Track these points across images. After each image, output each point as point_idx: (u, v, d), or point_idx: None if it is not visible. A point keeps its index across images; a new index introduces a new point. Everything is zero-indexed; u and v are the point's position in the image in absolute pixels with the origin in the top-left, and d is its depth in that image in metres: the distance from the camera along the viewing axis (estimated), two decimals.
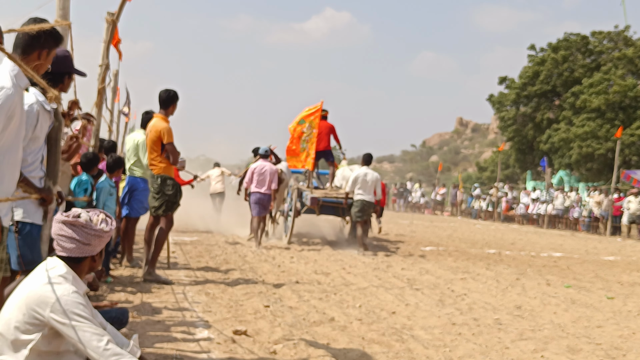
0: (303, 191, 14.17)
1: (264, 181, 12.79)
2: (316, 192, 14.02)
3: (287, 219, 14.09)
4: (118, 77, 11.18)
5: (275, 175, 12.89)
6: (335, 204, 13.86)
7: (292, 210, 13.63)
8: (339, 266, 10.18)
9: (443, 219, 32.14)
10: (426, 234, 19.50)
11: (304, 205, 13.95)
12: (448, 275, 9.71)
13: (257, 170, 12.84)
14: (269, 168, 12.87)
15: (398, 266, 10.56)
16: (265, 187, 12.74)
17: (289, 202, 14.13)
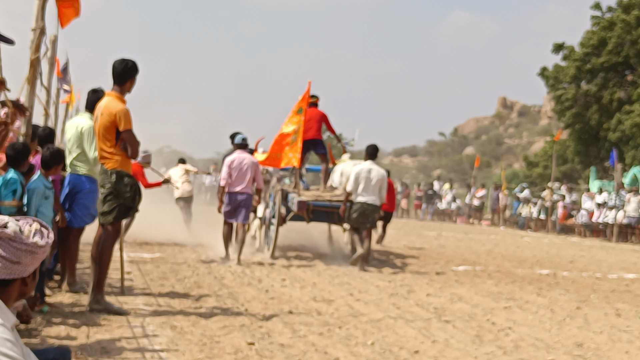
0: (289, 193, 14.32)
1: (244, 177, 12.96)
2: (305, 194, 14.20)
3: (270, 227, 14.24)
4: (57, 45, 11.19)
5: (258, 169, 13.10)
6: (330, 209, 14.05)
7: (275, 217, 13.77)
8: (345, 291, 10.19)
9: (481, 229, 32.17)
10: (459, 249, 19.51)
11: (290, 211, 14.08)
12: (487, 303, 9.71)
13: (235, 164, 12.99)
14: (250, 160, 13.04)
15: (422, 291, 10.57)
16: (245, 184, 12.94)
17: (271, 207, 14.30)
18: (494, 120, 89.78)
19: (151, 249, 14.67)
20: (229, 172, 12.98)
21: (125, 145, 7.88)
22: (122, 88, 7.96)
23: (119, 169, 7.89)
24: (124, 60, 7.94)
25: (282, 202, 14.16)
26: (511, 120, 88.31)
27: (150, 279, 10.43)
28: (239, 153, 13.16)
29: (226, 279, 10.84)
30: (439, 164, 73.09)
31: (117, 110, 7.76)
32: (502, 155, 73.38)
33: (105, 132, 7.85)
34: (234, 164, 12.99)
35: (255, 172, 13.06)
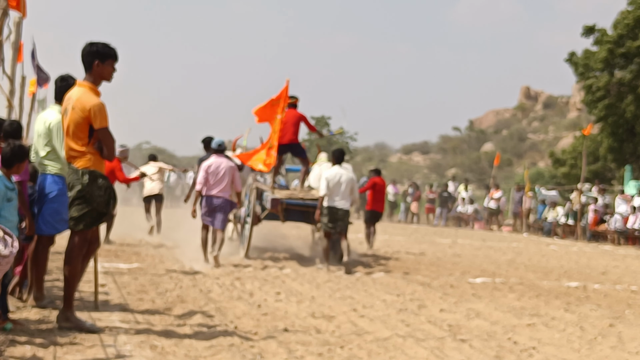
0: (263, 191, 15.88)
1: (222, 182, 14.38)
2: (280, 192, 15.58)
3: (245, 226, 15.80)
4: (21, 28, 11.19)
5: (237, 173, 14.55)
6: (304, 208, 15.59)
7: (249, 216, 15.35)
8: (348, 306, 10.20)
9: (501, 236, 32.18)
10: (476, 258, 19.53)
11: (265, 209, 15.63)
12: (508, 320, 9.72)
13: (212, 169, 14.38)
14: (227, 165, 14.44)
15: (435, 306, 10.58)
16: (222, 188, 14.36)
17: (246, 206, 15.93)
18: (515, 112, 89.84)
19: (128, 259, 14.68)
20: (206, 176, 14.33)
21: (99, 145, 7.77)
22: (90, 75, 7.86)
23: (92, 169, 7.78)
24: (92, 43, 7.84)
25: (257, 200, 15.71)
26: (535, 113, 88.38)
27: (127, 292, 10.43)
28: (216, 157, 14.52)
29: (213, 293, 10.85)
30: (454, 162, 73.08)
31: (91, 105, 7.64)
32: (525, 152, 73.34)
33: (76, 129, 7.73)
34: (211, 169, 14.34)
35: (233, 176, 14.42)
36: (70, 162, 7.88)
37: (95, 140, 7.76)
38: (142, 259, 14.85)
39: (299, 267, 14.76)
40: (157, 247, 16.95)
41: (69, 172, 7.92)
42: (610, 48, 38.95)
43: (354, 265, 15.51)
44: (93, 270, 9.24)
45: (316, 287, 12.02)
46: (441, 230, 34.37)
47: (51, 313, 8.50)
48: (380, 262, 16.78)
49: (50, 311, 8.61)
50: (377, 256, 18.21)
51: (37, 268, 8.96)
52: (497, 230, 36.45)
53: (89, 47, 7.84)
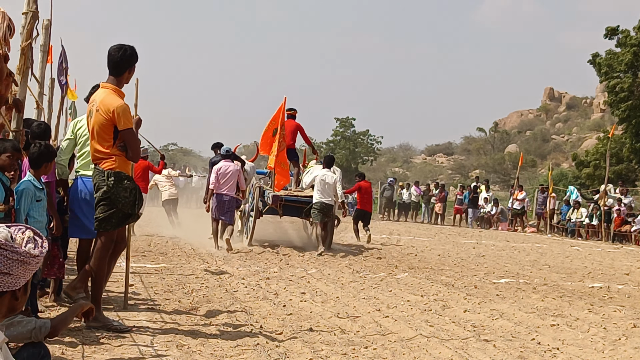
0: (265, 190, 19.00)
1: (228, 182, 17.25)
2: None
3: (249, 219, 18.95)
4: (50, 31, 11.25)
5: (241, 175, 17.59)
6: (299, 204, 18.72)
7: (253, 211, 18.41)
8: (372, 306, 10.18)
9: (525, 237, 32.01)
10: (500, 259, 19.44)
11: (266, 205, 18.64)
12: (532, 321, 9.67)
13: (222, 171, 17.31)
14: (233, 169, 17.38)
15: (459, 307, 10.54)
16: (229, 187, 17.20)
17: (250, 202, 18.98)
18: (539, 113, 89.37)
19: (155, 259, 14.74)
20: (217, 177, 17.27)
21: (123, 146, 7.79)
22: (119, 79, 7.87)
23: (118, 170, 7.81)
24: (121, 47, 7.83)
25: (260, 197, 18.68)
26: (559, 114, 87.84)
27: (154, 292, 10.48)
28: (224, 162, 17.47)
29: (239, 293, 10.87)
30: (478, 163, 72.82)
31: (115, 106, 7.66)
32: (548, 153, 72.96)
33: (101, 130, 7.77)
34: (220, 171, 17.29)
35: (238, 178, 17.38)
36: (96, 163, 7.92)
37: (120, 141, 7.77)
38: (169, 259, 14.90)
39: (323, 267, 14.76)
40: (182, 247, 17.01)
41: (95, 173, 7.95)
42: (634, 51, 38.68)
43: (377, 266, 15.59)
44: (122, 270, 9.26)
45: (341, 288, 12.01)
46: (464, 230, 34.22)
47: None
48: (404, 262, 16.74)
49: None
50: (400, 257, 18.17)
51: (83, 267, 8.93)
52: (521, 231, 36.24)
53: (122, 52, 7.81)
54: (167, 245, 17.41)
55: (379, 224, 35.54)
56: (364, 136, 70.93)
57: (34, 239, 3.16)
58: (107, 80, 7.93)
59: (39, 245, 3.17)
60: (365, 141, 70.93)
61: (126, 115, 7.70)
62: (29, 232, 3.16)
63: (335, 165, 20.15)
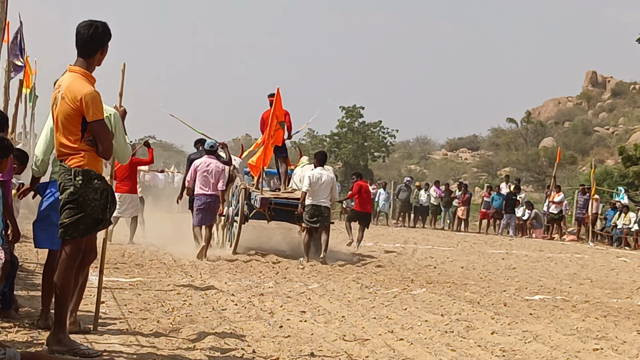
0: (252, 192, 19.22)
1: (208, 181, 17.75)
2: (267, 193, 19.25)
3: (233, 224, 19.28)
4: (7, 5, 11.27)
5: (223, 173, 17.95)
6: (290, 208, 19.07)
7: (238, 215, 18.72)
8: (384, 327, 10.19)
9: (562, 246, 32.02)
10: (534, 272, 19.46)
11: (253, 209, 18.99)
12: (571, 344, 9.67)
13: (201, 168, 17.70)
14: (215, 165, 17.82)
15: (486, 328, 10.55)
16: (210, 186, 17.70)
17: (234, 205, 19.33)
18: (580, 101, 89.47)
19: (130, 271, 14.76)
20: (194, 174, 17.80)
21: (93, 140, 7.72)
22: (89, 61, 7.79)
23: (87, 168, 7.72)
24: (92, 24, 7.75)
25: (245, 200, 18.95)
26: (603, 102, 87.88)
27: (128, 310, 10.48)
28: (207, 157, 17.94)
29: (228, 311, 10.88)
30: (508, 159, 72.76)
31: (83, 93, 7.58)
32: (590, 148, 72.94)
33: (67, 122, 7.69)
34: (200, 167, 17.73)
35: (219, 176, 17.78)
36: (61, 160, 7.81)
37: (89, 134, 7.69)
38: (146, 272, 14.91)
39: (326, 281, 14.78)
40: (162, 258, 17.04)
41: (60, 171, 7.83)
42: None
43: (390, 280, 15.68)
44: (91, 285, 9.26)
45: (347, 305, 12.01)
46: (492, 239, 34.19)
47: (40, 334, 8.53)
48: (421, 276, 16.76)
49: (40, 332, 8.63)
50: (417, 269, 18.20)
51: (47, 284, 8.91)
52: (558, 239, 36.24)
53: (93, 30, 7.73)
54: (144, 256, 17.41)
55: (391, 230, 35.60)
56: (375, 128, 70.90)
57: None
58: (75, 63, 7.85)
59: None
60: (377, 134, 70.91)
61: (96, 104, 7.61)
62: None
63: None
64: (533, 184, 63.24)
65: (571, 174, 59.69)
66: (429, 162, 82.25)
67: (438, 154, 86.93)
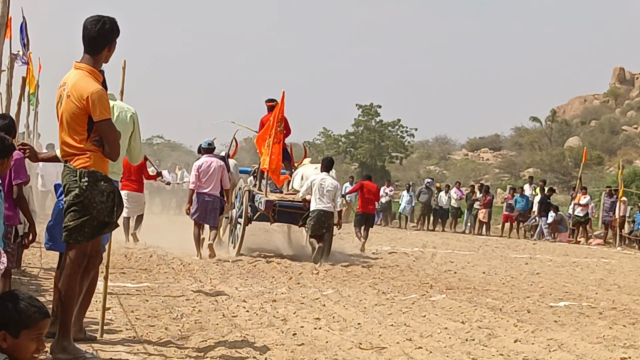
0: (255, 194, 20.09)
1: (212, 180, 18.45)
2: (271, 195, 19.96)
3: (236, 226, 20.15)
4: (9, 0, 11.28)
5: (225, 171, 18.71)
6: (293, 210, 19.97)
7: (241, 217, 19.64)
8: (402, 335, 10.17)
9: (588, 250, 31.95)
10: (558, 277, 19.41)
11: (257, 211, 19.77)
12: (598, 353, 9.64)
13: (203, 168, 18.48)
14: (216, 164, 18.55)
15: (508, 336, 10.52)
16: (212, 186, 18.43)
17: (237, 207, 20.38)
18: (607, 99, 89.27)
19: (137, 276, 14.77)
20: (198, 175, 18.44)
21: (99, 140, 7.72)
22: (96, 58, 7.81)
23: (93, 169, 7.72)
24: (99, 19, 7.78)
25: (249, 202, 19.86)
26: (631, 100, 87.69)
27: (135, 317, 10.48)
28: (206, 157, 18.73)
29: (239, 318, 10.87)
30: (531, 160, 72.60)
31: (90, 92, 7.59)
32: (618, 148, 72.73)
33: (72, 121, 7.71)
34: (202, 168, 18.46)
35: (222, 175, 18.54)
36: (66, 160, 7.83)
37: (95, 134, 7.70)
38: (154, 277, 14.92)
39: (341, 287, 14.77)
40: (170, 263, 17.06)
41: (65, 172, 7.86)
42: None
43: (408, 286, 15.71)
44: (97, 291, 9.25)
45: (363, 312, 11.99)
46: (515, 243, 34.15)
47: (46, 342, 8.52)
48: (441, 281, 16.73)
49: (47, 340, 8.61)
50: (436, 274, 18.17)
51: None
52: (584, 243, 36.17)
53: (100, 26, 7.75)
54: (151, 260, 17.42)
55: (409, 234, 35.57)
56: (393, 127, 70.84)
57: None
58: (81, 60, 7.86)
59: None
60: (395, 133, 70.85)
61: (103, 103, 7.62)
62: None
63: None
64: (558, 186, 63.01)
65: (598, 175, 59.53)
66: (449, 163, 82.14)
67: (458, 154, 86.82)
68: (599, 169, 63.60)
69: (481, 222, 39.74)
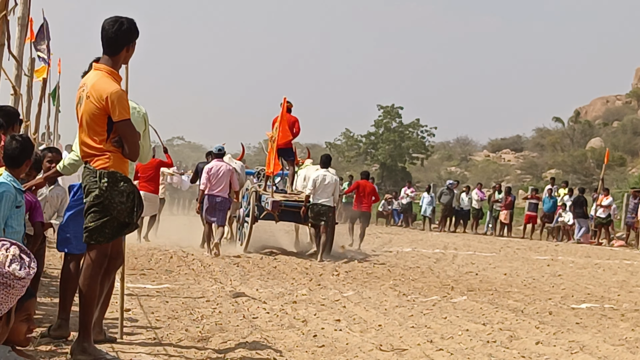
0: (262, 194, 21.59)
1: (221, 183, 19.96)
2: (276, 195, 21.35)
3: (244, 225, 21.69)
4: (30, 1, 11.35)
5: (234, 175, 20.34)
6: (297, 209, 21.10)
7: (249, 216, 21.10)
8: (423, 337, 10.17)
9: (611, 252, 31.82)
10: (580, 279, 19.36)
11: (263, 210, 21.19)
12: (620, 355, 9.62)
13: (213, 171, 20.01)
14: (225, 168, 20.13)
15: (530, 338, 10.51)
16: (221, 188, 19.94)
17: (244, 207, 21.90)
18: (629, 100, 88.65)
19: (157, 278, 14.82)
20: (208, 177, 19.96)
21: (119, 141, 7.76)
22: (115, 59, 7.85)
23: (113, 170, 7.75)
24: (117, 20, 7.81)
25: (256, 202, 21.26)
26: None
27: (156, 318, 10.52)
28: (217, 161, 20.30)
29: (259, 320, 10.89)
30: (553, 161, 72.29)
31: (109, 92, 7.62)
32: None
33: (92, 122, 7.73)
34: (212, 171, 20.00)
35: (230, 178, 20.09)
36: (86, 161, 7.87)
37: (115, 135, 7.74)
38: (174, 278, 14.96)
39: (362, 289, 14.78)
40: (190, 264, 17.10)
41: (85, 173, 7.88)
42: None
43: (429, 288, 15.68)
44: (116, 292, 9.31)
45: (384, 314, 12.00)
46: (537, 244, 34.03)
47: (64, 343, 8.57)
48: (462, 283, 16.72)
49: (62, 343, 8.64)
50: (457, 276, 18.16)
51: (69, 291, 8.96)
52: (606, 244, 36.01)
53: (118, 26, 7.77)
54: (172, 262, 17.49)
55: (430, 235, 35.52)
56: (413, 128, 70.68)
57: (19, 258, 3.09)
58: (100, 60, 7.91)
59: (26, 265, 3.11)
60: (415, 134, 70.69)
61: (122, 103, 7.66)
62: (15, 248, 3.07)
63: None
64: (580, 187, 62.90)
65: (620, 176, 59.17)
66: (470, 164, 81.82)
67: (479, 155, 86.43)
68: (622, 170, 63.22)
69: (503, 223, 39.59)
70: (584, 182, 60.75)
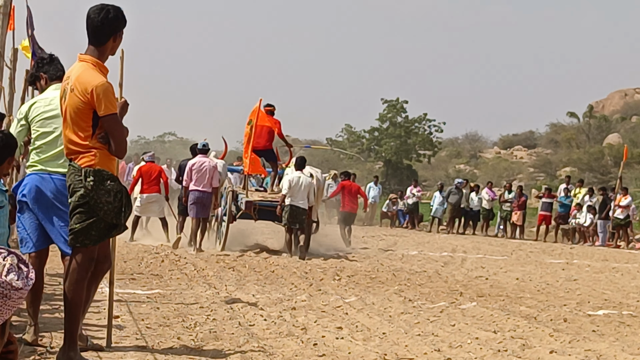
0: (238, 194, 23.02)
1: (204, 178, 21.55)
2: (252, 195, 23.01)
3: (222, 224, 23.17)
4: None
5: (216, 171, 21.82)
6: (274, 209, 22.19)
7: (226, 215, 22.57)
8: (429, 345, 10.17)
9: (629, 255, 31.83)
10: (597, 284, 19.37)
11: (240, 210, 22.55)
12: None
13: (196, 167, 21.60)
14: (208, 164, 21.75)
15: (543, 346, 10.51)
16: (205, 183, 21.52)
17: (223, 206, 23.27)
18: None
19: (147, 283, 14.83)
20: (190, 173, 21.52)
21: (105, 137, 7.74)
22: (101, 50, 7.85)
23: (99, 168, 7.72)
24: (103, 7, 7.81)
25: (233, 201, 22.69)
26: None
27: (146, 325, 10.52)
28: (200, 157, 21.91)
29: (256, 327, 10.89)
30: (568, 158, 72.30)
31: (94, 85, 7.61)
32: None
33: (77, 117, 7.71)
34: (195, 166, 21.58)
35: (212, 174, 21.63)
36: (70, 159, 7.84)
37: (101, 130, 7.72)
38: (165, 283, 14.98)
39: (365, 294, 14.78)
40: (182, 268, 17.10)
41: (69, 171, 7.86)
42: None
43: (436, 293, 15.70)
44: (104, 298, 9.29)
45: (388, 321, 12.00)
46: (551, 247, 34.05)
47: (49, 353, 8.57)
48: (471, 288, 16.72)
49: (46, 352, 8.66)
50: (466, 281, 18.16)
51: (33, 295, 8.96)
52: (624, 247, 36.02)
53: (104, 15, 7.76)
54: (163, 266, 17.51)
55: (438, 237, 35.53)
56: (420, 123, 70.62)
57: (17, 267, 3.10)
58: (86, 51, 7.89)
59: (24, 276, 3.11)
60: (422, 129, 70.62)
61: (108, 96, 7.65)
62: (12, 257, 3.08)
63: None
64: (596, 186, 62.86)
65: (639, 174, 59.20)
66: (480, 162, 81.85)
67: (490, 152, 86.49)
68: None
69: (514, 224, 39.48)
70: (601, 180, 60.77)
